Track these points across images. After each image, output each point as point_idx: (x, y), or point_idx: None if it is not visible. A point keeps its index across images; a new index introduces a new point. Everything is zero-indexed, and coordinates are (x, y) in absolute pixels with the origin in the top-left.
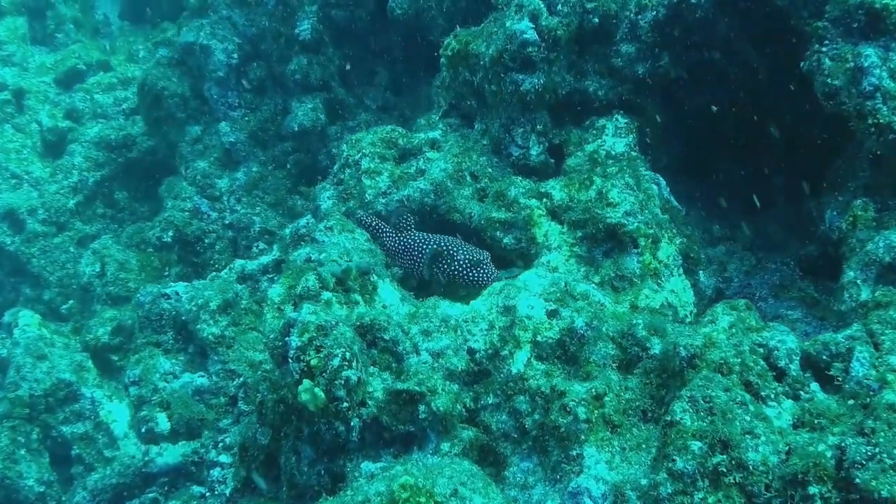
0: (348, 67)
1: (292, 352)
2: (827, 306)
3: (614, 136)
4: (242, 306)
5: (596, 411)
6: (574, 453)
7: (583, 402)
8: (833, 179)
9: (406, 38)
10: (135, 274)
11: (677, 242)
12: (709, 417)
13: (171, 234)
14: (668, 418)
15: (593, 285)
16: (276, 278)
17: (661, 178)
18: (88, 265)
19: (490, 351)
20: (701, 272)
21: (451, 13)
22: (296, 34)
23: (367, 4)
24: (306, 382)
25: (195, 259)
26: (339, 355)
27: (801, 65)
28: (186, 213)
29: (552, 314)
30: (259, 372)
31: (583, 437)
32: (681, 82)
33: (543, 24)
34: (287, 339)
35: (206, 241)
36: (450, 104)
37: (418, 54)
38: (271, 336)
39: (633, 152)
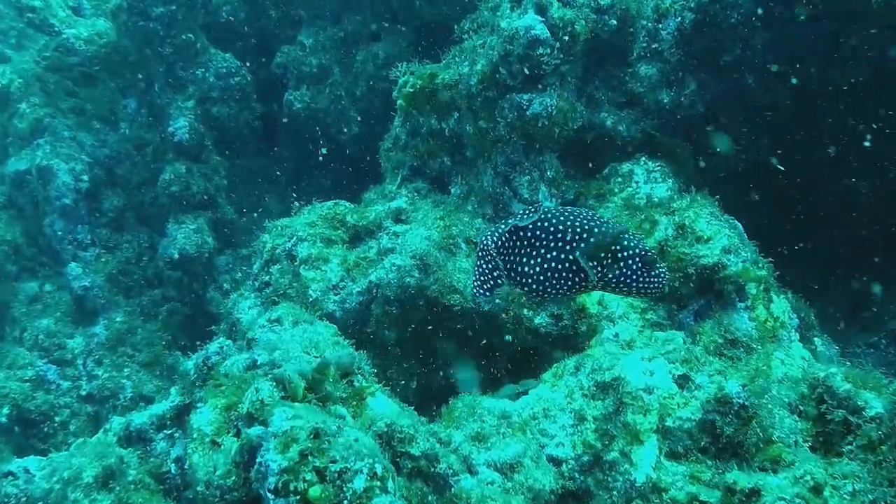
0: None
1: (272, 480)
2: None
3: (648, 183)
4: (130, 479)
5: None
6: None
7: (798, 501)
8: None
9: (307, 141)
10: None
11: (784, 297)
12: None
13: (5, 411)
14: None
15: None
16: (195, 411)
17: (738, 223)
18: None
19: (586, 457)
20: (816, 339)
21: (367, 103)
22: (170, 134)
23: (255, 101)
24: None
25: (42, 445)
26: (365, 471)
27: None
28: (27, 385)
29: (683, 381)
30: None
31: None
32: (709, 121)
33: (556, 16)
34: (261, 461)
35: (57, 418)
36: (411, 167)
37: (325, 161)
38: (216, 476)
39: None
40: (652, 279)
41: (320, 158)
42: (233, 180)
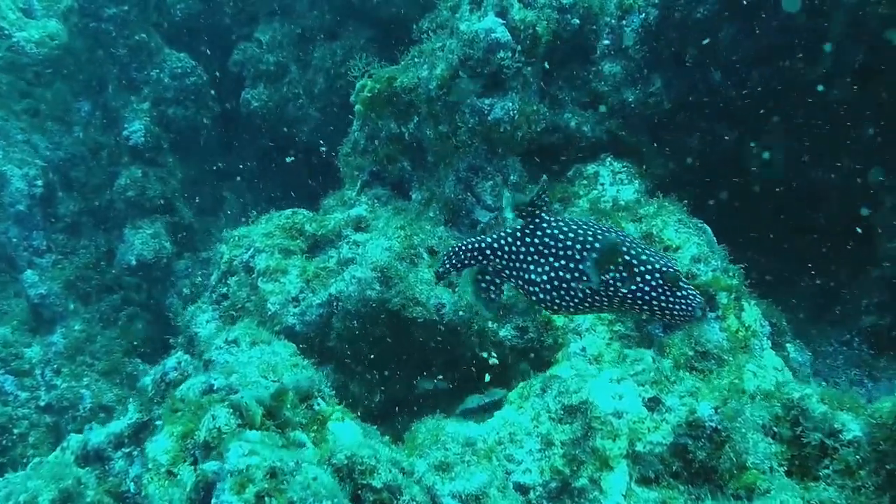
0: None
1: None
2: None
3: (614, 185)
4: (88, 500)
5: None
6: None
7: None
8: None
9: (266, 140)
10: None
11: (756, 304)
12: None
13: None
14: None
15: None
16: (151, 437)
17: (706, 226)
18: None
19: (554, 484)
20: (789, 345)
21: (325, 101)
22: (125, 138)
23: (212, 100)
24: None
25: (0, 459)
26: None
27: None
28: None
29: (653, 404)
30: None
31: None
32: (674, 119)
33: (517, 17)
34: (216, 502)
35: (16, 430)
36: (370, 173)
37: (285, 162)
38: None
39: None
40: (679, 301)
41: (288, 160)
42: (190, 182)
